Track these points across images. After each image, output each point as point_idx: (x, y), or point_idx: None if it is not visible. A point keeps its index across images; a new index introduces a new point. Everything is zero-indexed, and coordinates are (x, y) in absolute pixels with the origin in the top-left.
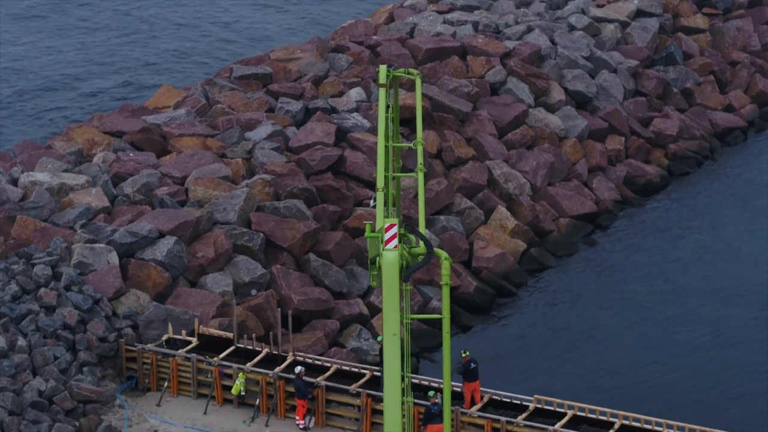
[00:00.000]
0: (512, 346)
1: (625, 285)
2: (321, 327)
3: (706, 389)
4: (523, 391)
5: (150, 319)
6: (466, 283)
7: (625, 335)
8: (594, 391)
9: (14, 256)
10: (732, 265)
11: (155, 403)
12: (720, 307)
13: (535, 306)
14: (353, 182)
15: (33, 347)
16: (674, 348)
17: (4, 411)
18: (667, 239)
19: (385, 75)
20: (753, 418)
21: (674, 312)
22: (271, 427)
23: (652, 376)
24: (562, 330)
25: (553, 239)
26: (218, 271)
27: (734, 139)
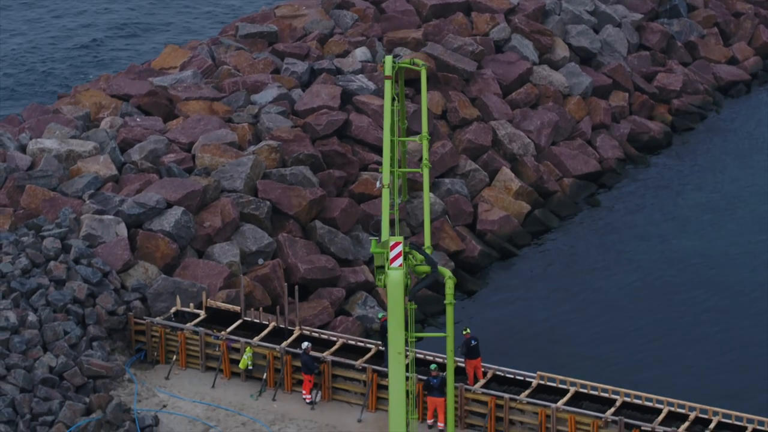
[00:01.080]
0: (515, 311)
1: (627, 246)
2: (327, 295)
3: (707, 363)
4: (527, 357)
5: (158, 292)
6: (470, 247)
7: (628, 300)
8: (596, 358)
9: (24, 227)
10: (735, 224)
11: (164, 377)
12: (724, 271)
13: (539, 269)
14: (359, 146)
15: (43, 322)
16: (675, 313)
17: (15, 388)
18: (669, 198)
19: (391, 66)
20: (754, 394)
21: (677, 275)
22: (278, 401)
23: (652, 344)
24: (565, 294)
25: (557, 200)
26: (225, 240)
27: (737, 92)
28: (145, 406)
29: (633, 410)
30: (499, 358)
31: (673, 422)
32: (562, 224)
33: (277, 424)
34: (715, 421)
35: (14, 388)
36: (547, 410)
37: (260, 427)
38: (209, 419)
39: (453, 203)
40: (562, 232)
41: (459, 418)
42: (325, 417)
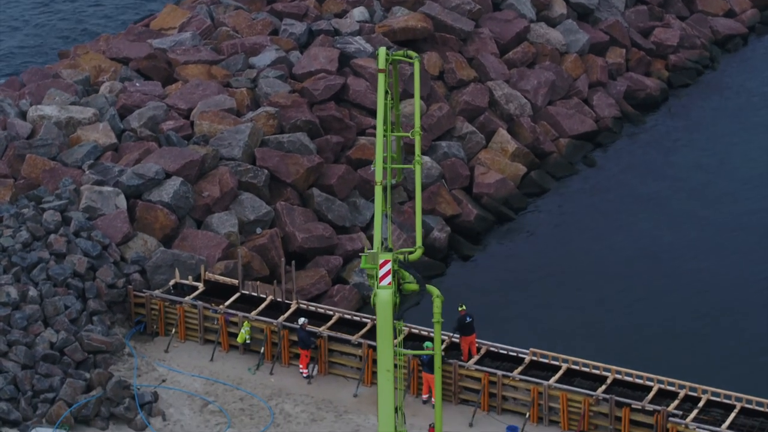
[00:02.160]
0: (511, 277)
1: (622, 208)
2: (324, 264)
3: (698, 341)
4: (521, 324)
5: (157, 265)
6: (466, 211)
7: (622, 265)
8: (588, 327)
9: (24, 198)
10: (730, 184)
11: (163, 349)
12: (721, 235)
13: (534, 233)
14: (356, 110)
15: (44, 297)
16: (669, 279)
17: (17, 365)
18: (665, 158)
19: (385, 59)
20: (743, 373)
21: (673, 238)
22: (275, 375)
23: (645, 319)
24: (561, 259)
25: (553, 161)
26: (224, 209)
27: (735, 46)
28: (145, 381)
29: (623, 387)
30: (493, 327)
31: (663, 400)
32: (557, 186)
33: (274, 399)
34: (704, 399)
35: (16, 365)
36: (539, 387)
37: (258, 402)
38: (208, 394)
39: (449, 167)
40: (558, 194)
41: (453, 394)
42: (321, 392)
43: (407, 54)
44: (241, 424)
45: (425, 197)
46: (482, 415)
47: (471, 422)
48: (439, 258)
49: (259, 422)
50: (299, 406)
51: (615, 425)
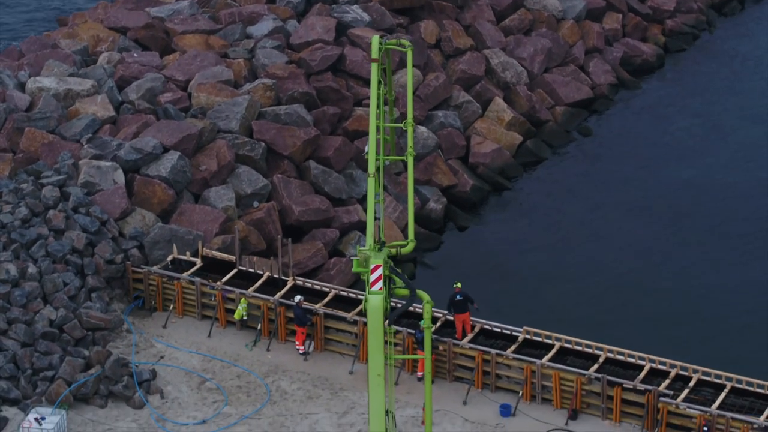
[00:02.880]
0: (506, 248)
1: (618, 177)
2: (321, 236)
3: (690, 321)
4: (515, 298)
5: (155, 240)
6: (462, 182)
7: (617, 236)
8: (583, 302)
9: (23, 173)
10: (726, 152)
11: (161, 325)
12: (717, 203)
13: (530, 203)
14: (353, 80)
15: (43, 274)
16: (664, 246)
17: (16, 344)
18: (661, 125)
19: (378, 48)
20: (734, 353)
21: (667, 207)
22: (272, 352)
23: (639, 290)
24: (556, 230)
25: (549, 129)
26: (221, 183)
27: (731, 11)
28: (143, 358)
29: (615, 366)
30: (488, 300)
31: (654, 379)
32: (553, 155)
33: (271, 376)
34: (695, 379)
35: (15, 343)
36: (532, 366)
37: (255, 380)
38: (205, 371)
39: (446, 137)
40: (554, 163)
41: (447, 372)
42: (317, 368)
43: (400, 42)
44: (238, 401)
45: (422, 168)
46: (476, 392)
47: (465, 400)
48: (434, 229)
49: (255, 400)
50: (295, 383)
51: (607, 404)
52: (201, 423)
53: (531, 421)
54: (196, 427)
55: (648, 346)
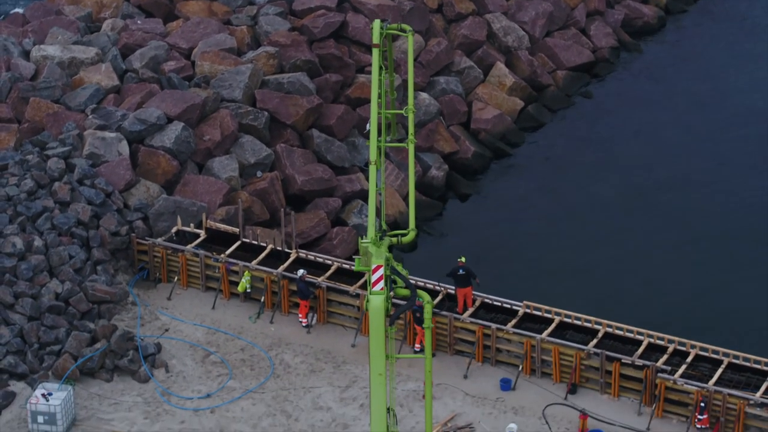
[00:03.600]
0: (507, 216)
1: (619, 141)
2: (324, 205)
3: (688, 296)
4: (515, 267)
5: (160, 212)
6: (464, 148)
7: (617, 203)
8: (582, 271)
9: (29, 144)
10: (726, 116)
11: (166, 297)
12: (717, 173)
13: (531, 169)
14: (355, 47)
15: (49, 246)
16: (662, 215)
17: (23, 318)
18: (662, 89)
19: (379, 33)
20: (731, 329)
21: (667, 174)
22: (275, 324)
23: (638, 261)
24: (556, 196)
25: (550, 94)
26: (225, 153)
27: None
28: (148, 330)
29: (614, 340)
30: (489, 270)
31: (653, 354)
32: (554, 119)
33: (274, 349)
34: (693, 354)
35: (22, 317)
36: (532, 341)
37: (258, 353)
38: (209, 344)
39: (447, 103)
40: (555, 128)
41: (448, 345)
42: (320, 341)
43: (401, 27)
44: (242, 375)
45: (423, 135)
46: (476, 366)
47: (466, 374)
48: (436, 197)
49: (259, 373)
50: (299, 356)
51: (605, 379)
52: (206, 397)
53: (531, 396)
54: (201, 401)
55: (647, 321)
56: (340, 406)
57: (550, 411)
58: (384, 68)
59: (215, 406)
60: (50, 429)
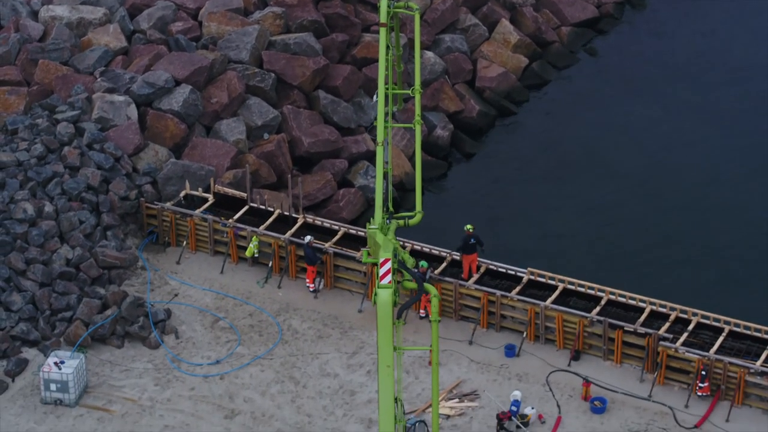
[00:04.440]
0: (511, 176)
1: (624, 97)
2: (330, 167)
3: (690, 264)
4: (519, 230)
5: (168, 176)
6: (469, 107)
7: (621, 162)
8: (584, 234)
9: (38, 107)
10: (730, 73)
11: (175, 261)
12: (723, 129)
13: (535, 127)
14: (361, 5)
15: (60, 212)
16: (667, 175)
17: (35, 284)
18: (666, 44)
19: (386, 12)
20: (733, 297)
21: (673, 132)
22: (283, 289)
23: (640, 226)
24: (560, 156)
25: (555, 50)
26: (232, 115)
27: None
28: (158, 296)
29: (617, 307)
30: (493, 234)
31: (655, 321)
32: (559, 76)
33: (282, 315)
34: (694, 322)
35: (33, 284)
36: (536, 308)
37: (267, 318)
38: (218, 309)
39: (452, 61)
40: (559, 85)
41: (453, 311)
42: (327, 307)
43: (408, 5)
44: (250, 341)
45: (429, 94)
46: (481, 332)
47: (471, 340)
48: (441, 156)
49: (268, 339)
50: (306, 322)
51: (608, 346)
52: (215, 363)
53: (534, 362)
54: (210, 368)
55: (649, 289)
56: (347, 373)
57: (553, 378)
58: (390, 47)
59: (224, 373)
60: (63, 396)
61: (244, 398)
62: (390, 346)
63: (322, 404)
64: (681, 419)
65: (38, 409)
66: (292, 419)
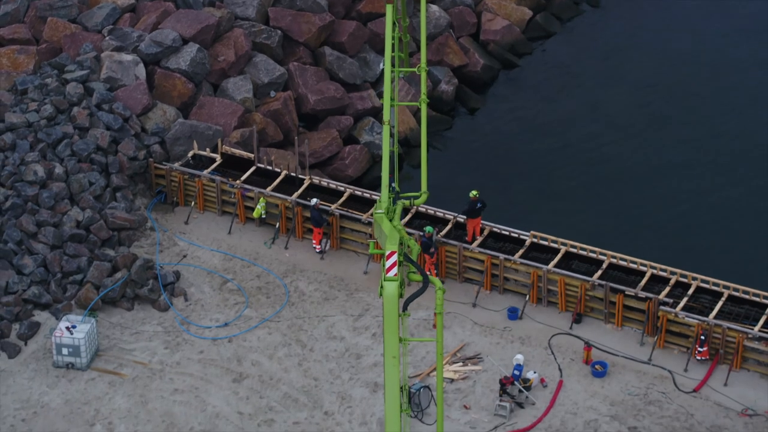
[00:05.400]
0: (516, 130)
1: (628, 49)
2: (336, 124)
3: (690, 229)
4: (524, 186)
5: (176, 136)
6: (473, 61)
7: (623, 117)
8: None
9: (47, 66)
10: (735, 24)
11: (183, 221)
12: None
13: (539, 81)
14: None
15: (70, 173)
16: (670, 133)
17: (46, 247)
18: None
19: None
20: (733, 262)
21: (677, 84)
22: (289, 250)
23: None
24: (564, 110)
25: (559, 2)
26: (239, 73)
27: None
28: (167, 257)
29: (618, 271)
30: (497, 194)
31: (655, 285)
32: (563, 29)
33: (289, 276)
34: (694, 286)
35: (45, 246)
36: (539, 271)
37: (274, 280)
38: (226, 271)
39: (457, 15)
40: (563, 37)
41: (458, 273)
42: (333, 268)
43: None
44: (258, 303)
45: (433, 48)
46: (485, 294)
47: (474, 302)
48: (445, 111)
49: (275, 301)
50: (313, 284)
51: (609, 309)
52: (223, 326)
53: (537, 325)
54: (219, 330)
55: (649, 252)
56: (353, 336)
57: (555, 341)
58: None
59: (233, 336)
60: (74, 360)
61: (252, 361)
62: (396, 338)
63: (328, 368)
64: (680, 383)
65: (50, 373)
66: (299, 383)
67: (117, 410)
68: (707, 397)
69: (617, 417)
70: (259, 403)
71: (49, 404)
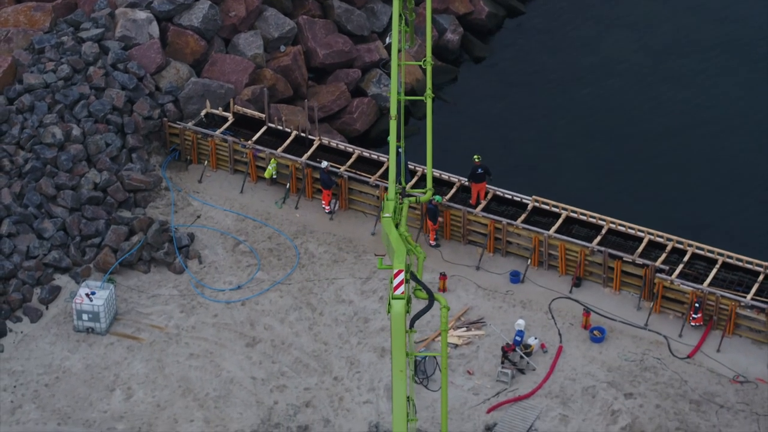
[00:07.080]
0: (519, 82)
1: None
2: (344, 77)
3: (688, 197)
4: (527, 147)
5: (189, 95)
6: (478, 9)
7: (625, 65)
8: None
9: (63, 23)
10: None
11: (197, 179)
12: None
13: (544, 28)
14: None
15: (87, 135)
16: (670, 101)
17: (65, 210)
18: None
19: None
20: (727, 230)
21: (681, 36)
22: (300, 210)
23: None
24: (568, 59)
25: None
26: (250, 28)
27: None
28: (181, 218)
29: (617, 236)
30: (500, 152)
31: (653, 251)
32: None
33: (299, 238)
34: (690, 253)
35: (64, 210)
36: (540, 236)
37: (285, 241)
38: (238, 232)
39: None
40: None
41: (462, 236)
42: (342, 229)
43: None
44: (269, 266)
45: (437, 1)
46: (488, 257)
47: (478, 265)
48: (451, 60)
49: (286, 263)
50: (322, 246)
51: (608, 274)
52: (236, 289)
53: (538, 289)
54: (232, 293)
55: (647, 219)
56: (361, 299)
57: (555, 305)
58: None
59: (245, 299)
60: (94, 326)
61: (264, 325)
62: (403, 353)
63: (337, 332)
64: (675, 349)
65: (71, 337)
66: (310, 347)
67: (135, 375)
68: (700, 363)
69: (614, 383)
70: (272, 368)
71: (70, 369)
